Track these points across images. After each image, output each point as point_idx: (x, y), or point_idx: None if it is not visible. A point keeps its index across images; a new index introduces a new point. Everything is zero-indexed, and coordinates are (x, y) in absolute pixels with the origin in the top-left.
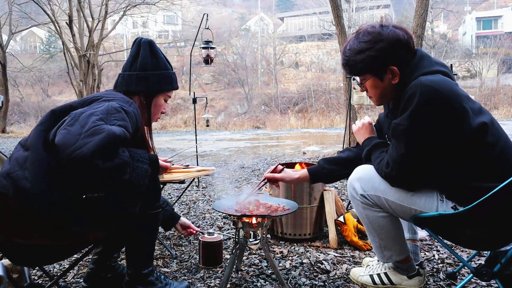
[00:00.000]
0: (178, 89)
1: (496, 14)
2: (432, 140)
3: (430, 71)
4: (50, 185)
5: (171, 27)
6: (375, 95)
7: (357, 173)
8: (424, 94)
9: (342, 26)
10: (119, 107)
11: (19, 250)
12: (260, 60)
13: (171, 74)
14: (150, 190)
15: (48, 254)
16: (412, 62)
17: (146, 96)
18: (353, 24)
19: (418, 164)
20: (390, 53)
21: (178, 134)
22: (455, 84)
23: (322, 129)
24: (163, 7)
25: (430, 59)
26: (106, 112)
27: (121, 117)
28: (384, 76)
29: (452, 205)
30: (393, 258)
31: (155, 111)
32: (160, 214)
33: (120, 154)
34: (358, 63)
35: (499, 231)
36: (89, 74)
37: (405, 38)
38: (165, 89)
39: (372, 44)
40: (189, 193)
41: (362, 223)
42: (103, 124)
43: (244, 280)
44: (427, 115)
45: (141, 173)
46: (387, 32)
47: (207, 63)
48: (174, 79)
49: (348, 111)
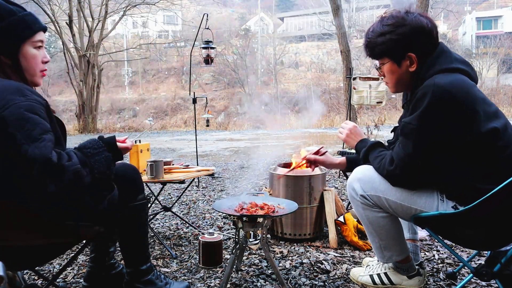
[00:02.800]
0: (46, 29)
1: (496, 14)
2: (440, 140)
3: (448, 68)
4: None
5: (171, 27)
6: (391, 81)
7: (357, 174)
8: (436, 95)
9: (342, 26)
10: (23, 113)
11: (9, 253)
12: (260, 60)
13: (24, 16)
14: (128, 183)
15: (38, 255)
16: (432, 55)
17: (7, 55)
18: (353, 24)
19: (423, 164)
20: (410, 39)
21: (178, 134)
22: (472, 85)
23: (322, 129)
24: (163, 7)
25: (450, 55)
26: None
27: (33, 127)
28: (402, 62)
29: (453, 204)
30: (393, 258)
31: (32, 65)
32: (146, 206)
33: (66, 167)
34: (378, 45)
35: (499, 232)
36: (89, 74)
37: (428, 27)
38: (24, 37)
39: (394, 28)
40: (189, 193)
41: (362, 223)
42: (27, 147)
43: (244, 280)
44: (436, 116)
45: (103, 164)
46: (411, 18)
47: (207, 63)
48: (31, 20)
49: (348, 111)
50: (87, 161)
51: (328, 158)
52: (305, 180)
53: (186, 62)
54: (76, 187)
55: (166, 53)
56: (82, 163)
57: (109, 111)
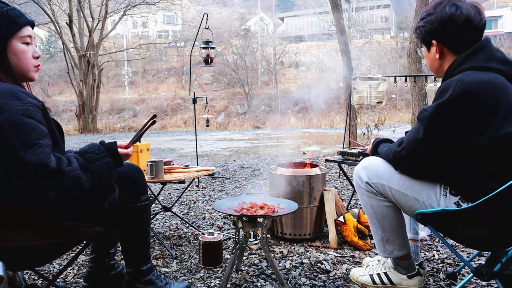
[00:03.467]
0: (34, 23)
1: (496, 14)
2: (453, 135)
3: (481, 66)
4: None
5: (171, 27)
6: (427, 63)
7: (364, 163)
8: (459, 90)
9: (342, 26)
10: (18, 119)
11: (9, 253)
12: (260, 60)
13: (8, 10)
14: (131, 184)
15: (38, 255)
16: (468, 49)
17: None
18: (353, 24)
19: (431, 154)
20: (434, 28)
21: (178, 134)
22: (505, 86)
23: (322, 129)
24: (163, 7)
25: (488, 53)
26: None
27: (29, 132)
28: (431, 48)
29: (455, 201)
30: (394, 253)
31: (23, 61)
32: (149, 207)
33: (65, 172)
34: (416, 29)
35: (503, 232)
36: (89, 74)
37: (455, 16)
38: (10, 32)
39: (425, 15)
40: (189, 193)
41: (366, 214)
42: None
43: (244, 280)
44: (454, 110)
45: (104, 169)
46: (440, 7)
47: (207, 63)
48: (15, 14)
49: (348, 111)
50: (88, 166)
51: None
52: (305, 180)
53: (186, 62)
54: (76, 192)
55: (166, 53)
56: (82, 168)
57: (109, 111)
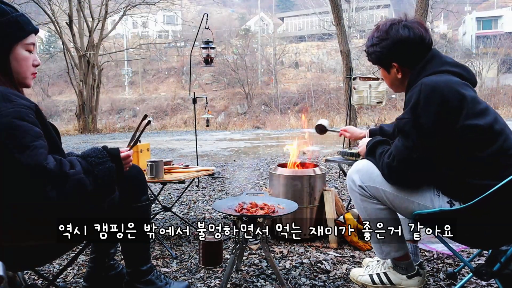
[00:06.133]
0: (38, 31)
1: (496, 14)
2: (433, 134)
3: (437, 71)
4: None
5: (171, 27)
6: (386, 83)
7: (356, 166)
8: (424, 91)
9: (342, 26)
10: (11, 122)
11: (9, 253)
12: (260, 60)
13: (17, 17)
14: (132, 184)
15: (38, 255)
16: (421, 62)
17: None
18: (353, 24)
19: (420, 158)
20: (393, 51)
21: (178, 134)
22: (460, 83)
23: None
24: (163, 7)
25: (440, 60)
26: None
27: (23, 135)
28: (390, 69)
29: (448, 200)
30: (391, 254)
31: (23, 67)
32: (149, 207)
33: (69, 175)
34: (370, 54)
35: (500, 229)
36: (89, 74)
37: (410, 38)
38: (17, 38)
39: (379, 41)
40: (189, 193)
41: (361, 216)
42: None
43: (244, 280)
44: (426, 110)
45: (106, 174)
46: (394, 32)
47: (207, 63)
48: (24, 21)
49: (348, 111)
50: (91, 170)
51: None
52: (305, 180)
53: (186, 62)
54: (78, 195)
55: (166, 53)
56: (86, 171)
57: (109, 111)
